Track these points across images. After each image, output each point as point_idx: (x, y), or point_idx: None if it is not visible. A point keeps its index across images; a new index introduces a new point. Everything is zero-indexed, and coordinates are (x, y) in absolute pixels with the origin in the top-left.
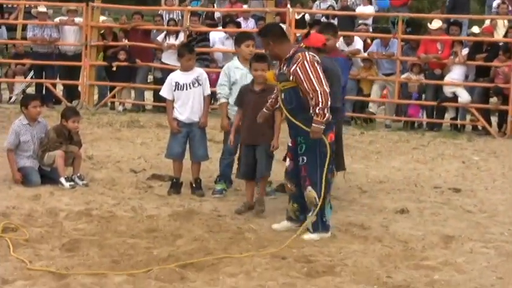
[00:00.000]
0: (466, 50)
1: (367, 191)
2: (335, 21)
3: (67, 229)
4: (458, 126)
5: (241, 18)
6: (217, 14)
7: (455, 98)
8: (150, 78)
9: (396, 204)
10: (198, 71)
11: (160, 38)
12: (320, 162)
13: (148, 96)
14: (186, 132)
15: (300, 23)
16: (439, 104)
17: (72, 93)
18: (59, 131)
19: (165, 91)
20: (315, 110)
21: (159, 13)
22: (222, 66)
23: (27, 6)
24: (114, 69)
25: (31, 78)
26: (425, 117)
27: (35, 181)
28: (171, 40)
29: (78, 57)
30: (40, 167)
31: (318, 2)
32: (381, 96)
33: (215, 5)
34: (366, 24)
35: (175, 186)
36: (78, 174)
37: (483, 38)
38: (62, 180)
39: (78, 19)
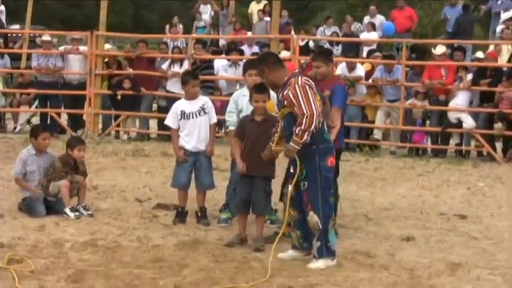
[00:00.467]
0: (470, 76)
1: (373, 218)
2: (339, 48)
3: (72, 260)
4: (463, 152)
5: (246, 45)
6: (221, 42)
7: (459, 124)
8: (155, 106)
9: (402, 231)
10: (203, 99)
11: (165, 66)
12: (321, 187)
13: (153, 124)
14: (192, 161)
15: (304, 50)
16: (444, 130)
17: (76, 122)
18: (65, 160)
19: (170, 120)
20: (296, 129)
21: (164, 41)
22: (227, 94)
23: (32, 35)
24: (119, 97)
25: (36, 107)
26: (430, 144)
27: (40, 212)
28: (176, 68)
29: (83, 86)
30: (45, 197)
31: (322, 29)
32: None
33: (219, 32)
34: (374, 50)
35: (180, 215)
36: (83, 205)
37: (487, 63)
38: (67, 210)
39: (82, 48)
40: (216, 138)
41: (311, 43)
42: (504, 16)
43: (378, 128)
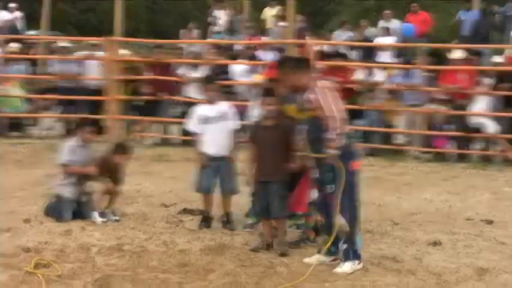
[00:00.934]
0: (488, 80)
1: (399, 223)
2: (355, 52)
3: (99, 264)
4: (488, 156)
5: (261, 51)
6: (237, 47)
7: (481, 128)
8: (175, 112)
9: (429, 236)
10: (224, 104)
11: (181, 71)
12: (347, 191)
13: (176, 130)
14: (215, 166)
15: (320, 55)
16: (465, 135)
17: (98, 128)
18: (103, 161)
19: (191, 124)
20: (328, 135)
21: (180, 46)
22: (245, 99)
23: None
24: (139, 103)
25: (59, 113)
26: (454, 149)
27: (66, 218)
28: (192, 73)
29: (102, 91)
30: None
31: (337, 33)
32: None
33: (235, 37)
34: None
35: (206, 220)
36: (113, 210)
37: (506, 67)
38: (96, 214)
39: (99, 53)
40: (241, 143)
41: (326, 48)
42: None
43: (400, 133)
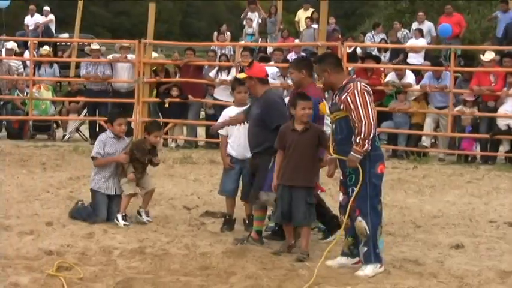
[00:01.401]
0: None
1: (422, 225)
2: (387, 55)
3: (121, 267)
4: None
5: (293, 53)
6: (269, 49)
7: (509, 130)
8: (203, 114)
9: (451, 239)
10: None
11: (212, 73)
12: (370, 193)
13: (201, 132)
14: (239, 168)
15: (352, 57)
16: (493, 137)
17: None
18: (140, 145)
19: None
20: (356, 139)
21: (212, 49)
22: None
23: (80, 43)
24: (167, 105)
25: (85, 115)
26: (479, 151)
27: (102, 215)
28: (223, 76)
29: (131, 94)
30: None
31: (370, 35)
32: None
33: (268, 39)
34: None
35: (228, 223)
36: (147, 210)
37: None
38: (119, 217)
39: (130, 56)
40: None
41: (358, 50)
42: None
43: (426, 135)
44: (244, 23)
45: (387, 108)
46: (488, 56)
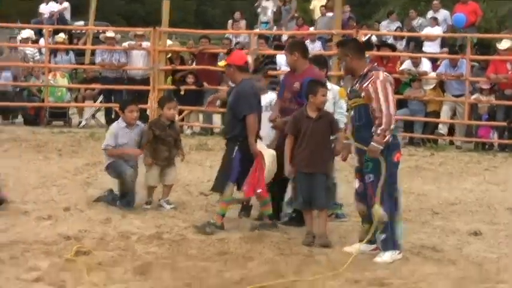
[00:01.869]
0: None
1: (439, 212)
2: (402, 43)
3: (139, 252)
4: None
5: (308, 41)
6: (284, 37)
7: None
8: (218, 101)
9: (469, 226)
10: (272, 96)
11: None
12: (388, 181)
13: (216, 119)
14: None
15: (367, 45)
16: (510, 125)
17: (140, 117)
18: (157, 123)
19: None
20: (377, 129)
21: (227, 36)
22: None
23: (96, 31)
24: (182, 93)
25: (100, 102)
26: (497, 138)
27: (128, 171)
28: None
29: (146, 81)
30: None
31: (385, 23)
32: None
33: (282, 27)
34: None
35: (245, 209)
36: (167, 199)
37: None
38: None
39: (145, 43)
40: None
41: (374, 38)
42: None
43: (443, 123)
44: (259, 10)
45: (402, 95)
46: (505, 45)
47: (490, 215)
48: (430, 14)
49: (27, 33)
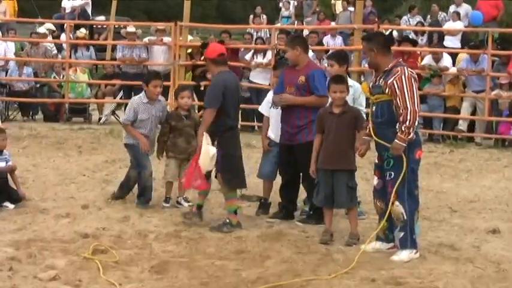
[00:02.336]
0: None
1: (458, 210)
2: (424, 38)
3: (156, 251)
4: None
5: (329, 36)
6: (305, 32)
7: None
8: None
9: (488, 224)
10: None
11: (248, 56)
12: (408, 179)
13: None
14: (277, 151)
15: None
16: None
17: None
18: (171, 112)
19: (263, 108)
20: (401, 126)
21: (248, 31)
22: None
23: (117, 26)
24: (202, 88)
25: (120, 98)
26: None
27: (148, 167)
28: (259, 59)
29: (167, 77)
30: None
31: (406, 18)
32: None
33: (304, 22)
34: None
35: (263, 206)
36: (184, 196)
37: None
38: (163, 203)
39: (166, 39)
40: None
41: (395, 33)
42: None
43: (463, 119)
44: (280, 5)
45: (421, 91)
46: None
47: (508, 212)
48: (452, 9)
49: (43, 29)
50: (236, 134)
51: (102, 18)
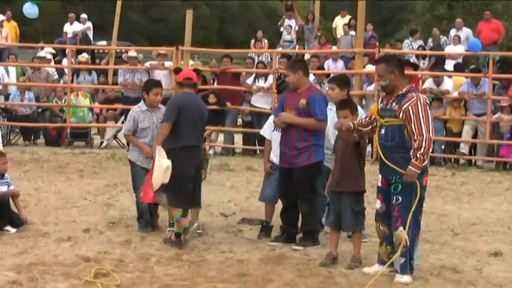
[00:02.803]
0: None
1: (460, 233)
2: (425, 62)
3: (158, 274)
4: None
5: (330, 60)
6: (307, 56)
7: None
8: (240, 121)
9: (490, 246)
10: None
11: (249, 81)
12: (415, 205)
13: (238, 139)
14: (278, 176)
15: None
16: None
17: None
18: None
19: (265, 131)
20: (416, 153)
21: (249, 56)
22: None
23: (118, 51)
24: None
25: (122, 123)
26: None
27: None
28: (260, 83)
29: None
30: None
31: (408, 41)
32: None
33: (305, 46)
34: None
35: (265, 229)
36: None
37: None
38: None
39: (168, 63)
40: None
41: None
42: None
43: (464, 142)
44: (281, 29)
45: None
46: None
47: (510, 235)
48: (452, 32)
49: (43, 52)
50: (192, 154)
51: (104, 43)
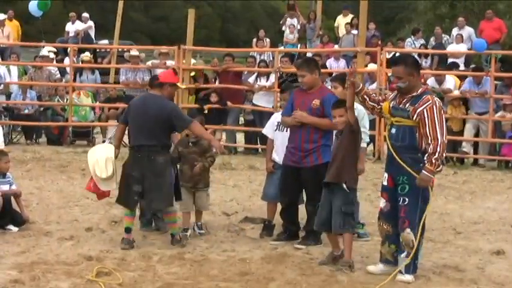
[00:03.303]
0: None
1: (462, 232)
2: (427, 60)
3: (160, 273)
4: None
5: (332, 59)
6: (309, 55)
7: None
8: (241, 120)
9: (492, 245)
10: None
11: (251, 79)
12: (421, 206)
13: (240, 138)
14: (280, 174)
15: (391, 63)
16: None
17: None
18: (180, 139)
19: (268, 130)
20: (431, 158)
21: (251, 55)
22: None
23: (120, 50)
24: (206, 111)
25: None
26: None
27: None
28: (262, 82)
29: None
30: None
31: (410, 40)
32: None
33: (307, 45)
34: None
35: (267, 228)
36: (199, 223)
37: None
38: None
39: (170, 62)
40: None
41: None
42: None
43: (466, 141)
44: (283, 28)
45: None
46: None
47: None
48: (455, 31)
49: (45, 51)
50: (135, 154)
51: (106, 42)
